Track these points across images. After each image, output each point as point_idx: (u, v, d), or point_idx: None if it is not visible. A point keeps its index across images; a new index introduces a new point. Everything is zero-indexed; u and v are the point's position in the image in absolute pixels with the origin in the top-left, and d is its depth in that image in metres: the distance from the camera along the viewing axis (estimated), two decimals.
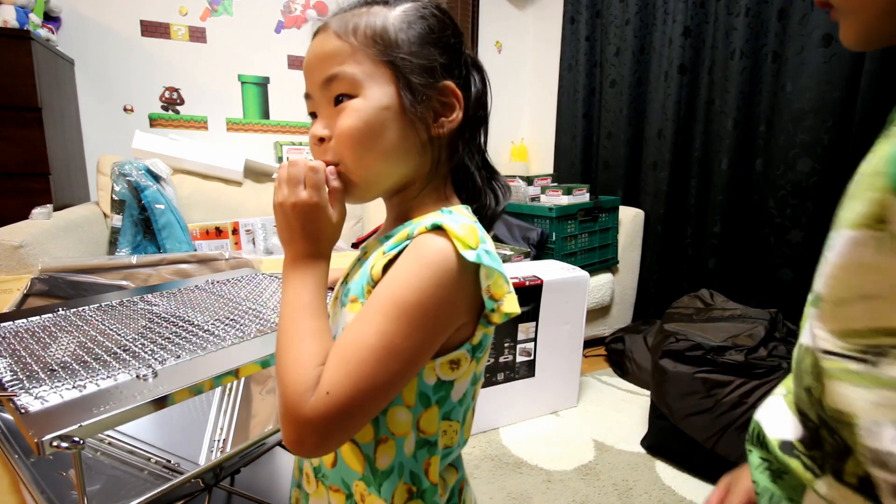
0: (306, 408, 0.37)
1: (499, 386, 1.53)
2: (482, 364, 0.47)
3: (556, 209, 1.94)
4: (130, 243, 1.77)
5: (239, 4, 2.23)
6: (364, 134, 0.43)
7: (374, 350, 0.37)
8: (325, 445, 0.39)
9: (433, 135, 0.46)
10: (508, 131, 3.04)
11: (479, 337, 0.43)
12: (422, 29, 0.45)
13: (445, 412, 0.45)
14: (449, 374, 0.43)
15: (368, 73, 0.44)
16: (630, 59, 2.26)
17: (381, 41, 0.44)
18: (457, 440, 0.47)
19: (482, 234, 0.41)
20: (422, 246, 0.39)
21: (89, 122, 2.07)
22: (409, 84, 0.44)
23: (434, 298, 0.38)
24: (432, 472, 0.45)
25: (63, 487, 0.63)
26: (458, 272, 0.38)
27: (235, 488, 0.89)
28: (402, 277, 0.39)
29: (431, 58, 0.45)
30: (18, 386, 0.51)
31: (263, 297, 0.86)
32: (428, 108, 0.45)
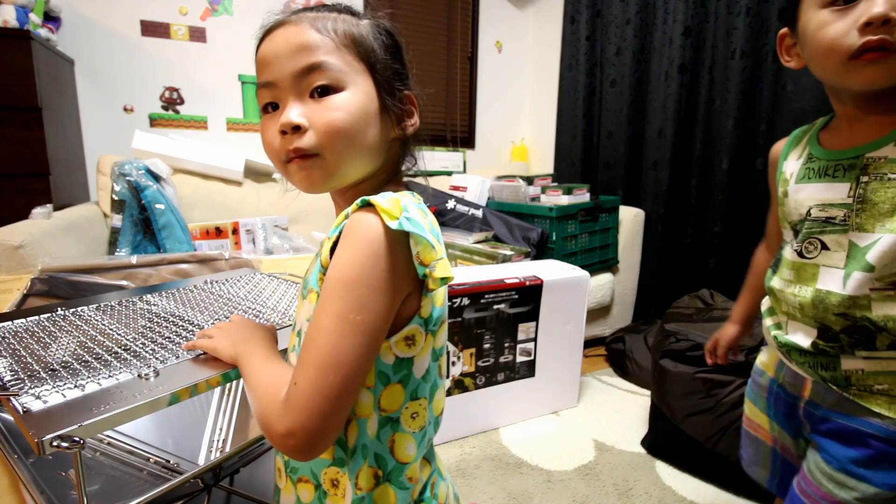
0: (280, 407, 0.41)
1: (499, 386, 1.53)
2: (440, 338, 0.49)
3: (557, 209, 1.94)
4: (130, 243, 1.77)
5: (239, 4, 2.23)
6: (352, 128, 0.45)
7: (330, 331, 0.40)
8: (317, 432, 0.40)
9: (395, 136, 0.50)
10: (508, 131, 3.04)
11: (428, 308, 0.45)
12: (388, 41, 0.49)
13: (412, 390, 0.47)
14: (406, 351, 0.45)
15: (351, 71, 0.46)
16: (630, 58, 2.26)
17: (360, 44, 0.47)
18: (427, 418, 0.48)
19: (405, 204, 0.42)
20: (354, 224, 0.41)
21: (89, 122, 2.07)
22: (385, 87, 0.48)
23: (373, 269, 0.40)
24: (398, 450, 0.47)
25: (63, 487, 0.63)
26: (389, 242, 0.40)
27: (235, 488, 0.89)
28: (342, 257, 0.41)
29: (397, 68, 0.49)
30: (19, 386, 0.51)
31: (263, 297, 0.86)
32: (395, 111, 0.49)
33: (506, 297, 1.46)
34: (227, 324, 0.59)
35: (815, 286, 0.61)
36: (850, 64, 0.52)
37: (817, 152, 0.63)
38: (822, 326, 0.60)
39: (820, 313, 0.60)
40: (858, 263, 0.56)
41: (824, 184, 0.60)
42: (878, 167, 0.55)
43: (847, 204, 0.58)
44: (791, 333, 0.66)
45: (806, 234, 0.62)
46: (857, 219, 0.57)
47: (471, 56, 2.86)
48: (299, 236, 2.03)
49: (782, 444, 0.75)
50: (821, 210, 0.60)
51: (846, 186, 0.58)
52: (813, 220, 0.61)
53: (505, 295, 1.46)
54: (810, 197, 0.62)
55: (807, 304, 0.61)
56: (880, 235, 0.54)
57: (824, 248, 0.60)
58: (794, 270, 0.64)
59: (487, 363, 1.49)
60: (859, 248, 0.56)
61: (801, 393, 0.68)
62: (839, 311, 0.58)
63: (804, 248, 0.62)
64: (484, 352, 1.48)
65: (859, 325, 0.57)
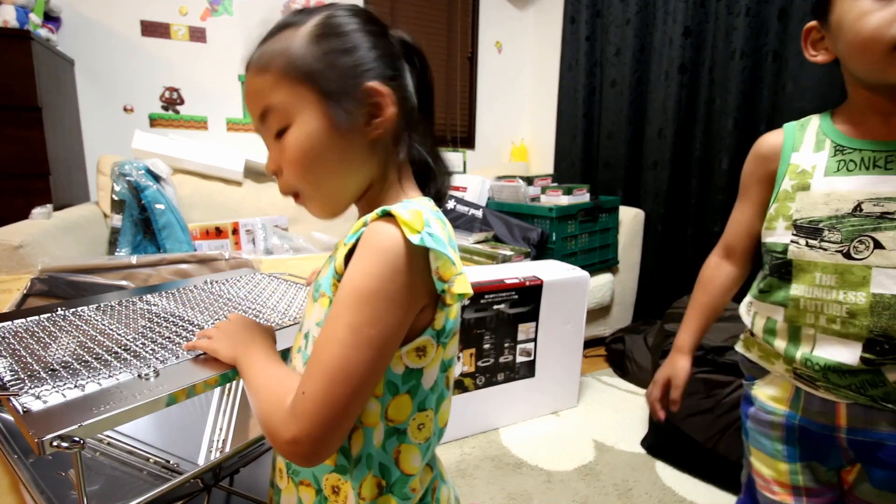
0: (285, 414, 0.40)
1: (499, 386, 1.53)
2: (450, 350, 0.47)
3: (557, 209, 1.94)
4: (130, 243, 1.77)
5: (239, 4, 2.23)
6: (306, 161, 0.45)
7: (343, 343, 0.39)
8: (322, 441, 0.40)
9: (372, 138, 0.46)
10: (508, 131, 3.04)
11: (442, 321, 0.44)
12: (331, 40, 0.45)
13: (420, 401, 0.46)
14: (416, 362, 0.44)
15: (294, 101, 0.44)
16: (630, 59, 2.26)
17: (295, 65, 0.44)
18: (432, 429, 0.47)
19: (427, 218, 0.41)
20: (373, 234, 0.40)
21: (89, 122, 2.07)
22: (332, 99, 0.44)
23: (391, 283, 0.39)
24: (403, 462, 0.46)
25: (63, 487, 0.63)
26: (409, 255, 0.39)
27: (235, 488, 0.89)
28: (359, 267, 0.40)
29: (347, 65, 0.44)
30: (19, 386, 0.51)
31: (263, 297, 0.86)
32: (358, 114, 0.45)
33: (506, 297, 1.46)
34: (225, 324, 0.59)
35: (868, 290, 0.55)
36: (893, 55, 0.50)
37: (851, 143, 0.58)
38: (876, 339, 0.54)
39: (883, 321, 0.54)
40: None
41: (877, 176, 0.55)
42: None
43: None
44: (828, 352, 0.58)
45: (853, 231, 0.55)
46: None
47: (471, 56, 2.86)
48: (299, 236, 2.03)
49: (809, 490, 0.65)
50: (875, 205, 0.55)
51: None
52: (864, 215, 0.55)
53: (505, 295, 1.46)
54: (859, 190, 0.56)
55: (862, 311, 0.55)
56: None
57: (878, 246, 0.54)
58: (839, 274, 0.56)
59: (487, 363, 1.49)
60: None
61: (836, 422, 0.60)
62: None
63: (853, 247, 0.55)
64: (484, 352, 1.48)
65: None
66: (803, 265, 0.59)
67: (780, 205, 0.62)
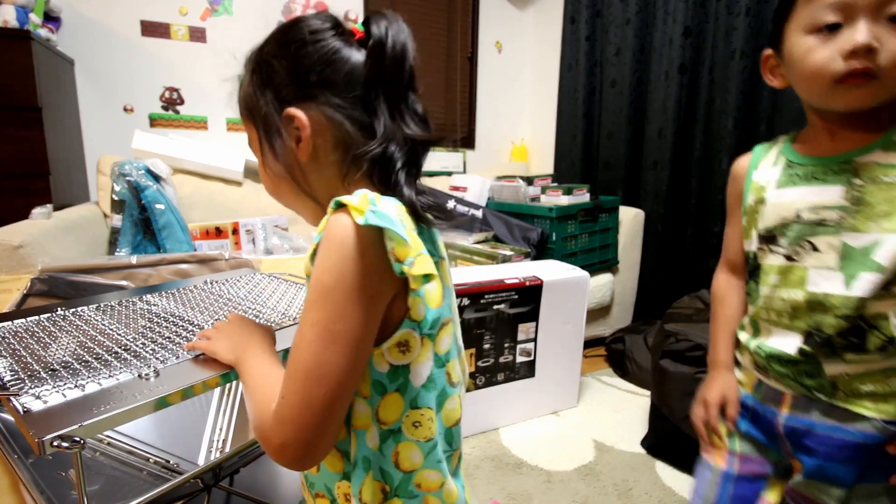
0: (270, 420, 0.41)
1: (499, 386, 1.53)
2: (443, 343, 0.45)
3: (557, 209, 1.94)
4: (130, 243, 1.77)
5: (239, 4, 2.23)
6: (268, 187, 0.52)
7: (311, 342, 0.39)
8: (307, 444, 0.40)
9: (304, 161, 0.47)
10: (508, 131, 3.04)
11: (420, 310, 0.42)
12: (257, 75, 0.49)
13: (411, 399, 0.44)
14: (400, 358, 0.43)
15: (252, 137, 0.52)
16: (630, 59, 2.26)
17: (243, 107, 0.52)
18: (434, 429, 0.45)
19: (372, 197, 0.39)
20: (329, 228, 0.40)
21: (89, 122, 2.07)
22: (266, 132, 0.49)
23: (349, 273, 0.38)
24: (402, 461, 0.45)
25: (63, 487, 0.63)
26: (359, 239, 0.38)
27: (235, 488, 0.89)
28: (318, 263, 0.40)
29: (267, 96, 0.48)
30: (19, 386, 0.51)
31: (263, 297, 0.86)
32: (289, 139, 0.47)
33: (506, 297, 1.46)
34: (225, 324, 0.59)
35: (804, 289, 0.61)
36: (836, 87, 0.56)
37: (799, 159, 0.64)
38: (811, 331, 0.60)
39: (816, 316, 0.60)
40: (862, 265, 0.57)
41: (814, 187, 0.61)
42: (869, 170, 0.57)
43: (841, 206, 0.58)
44: (774, 342, 0.65)
45: (795, 237, 0.62)
46: (851, 220, 0.57)
47: (471, 56, 2.86)
48: (299, 236, 2.03)
49: (743, 456, 0.70)
50: (812, 212, 0.60)
51: (839, 189, 0.59)
52: (803, 222, 0.61)
53: (505, 295, 1.46)
54: (800, 200, 0.62)
55: (800, 307, 0.61)
56: (879, 236, 0.55)
57: (814, 249, 0.60)
58: (781, 275, 0.63)
59: (487, 363, 1.49)
60: (854, 248, 0.57)
61: (780, 408, 0.65)
62: (842, 312, 0.58)
63: (794, 251, 0.62)
64: (484, 352, 1.48)
65: (856, 326, 0.57)
66: (764, 268, 0.66)
67: (749, 217, 0.68)
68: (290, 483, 0.98)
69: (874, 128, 0.58)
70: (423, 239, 0.43)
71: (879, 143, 0.57)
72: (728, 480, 0.71)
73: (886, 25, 0.52)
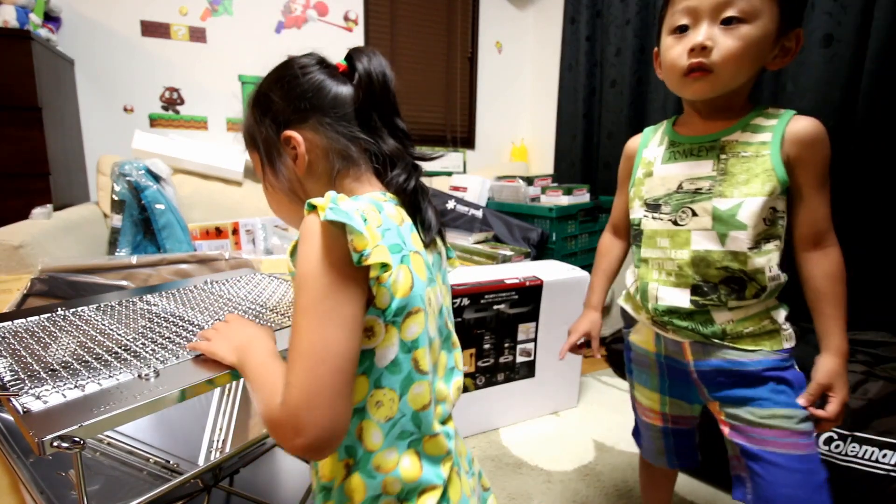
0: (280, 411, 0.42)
1: (499, 386, 1.53)
2: (410, 330, 0.48)
3: (557, 209, 1.94)
4: (130, 243, 1.77)
5: (239, 4, 2.23)
6: (275, 207, 0.59)
7: (307, 327, 0.42)
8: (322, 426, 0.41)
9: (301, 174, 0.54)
10: (508, 131, 3.04)
11: (385, 299, 0.45)
12: (256, 109, 0.57)
13: (374, 380, 0.47)
14: (366, 343, 0.46)
15: (254, 162, 0.59)
16: (630, 59, 2.26)
17: (247, 137, 0.59)
18: (396, 409, 0.48)
19: (335, 197, 0.45)
20: (302, 226, 0.46)
21: (89, 122, 2.07)
22: (266, 156, 0.56)
23: (323, 260, 0.43)
24: (365, 438, 0.47)
25: (63, 487, 0.63)
26: (326, 234, 0.44)
27: (235, 488, 0.89)
28: (298, 257, 0.45)
29: (266, 123, 0.55)
30: (19, 386, 0.51)
31: (263, 297, 0.86)
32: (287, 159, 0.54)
33: (506, 297, 1.46)
34: (223, 325, 0.59)
35: (690, 248, 0.71)
36: (683, 80, 0.67)
37: (679, 139, 0.75)
38: (698, 284, 0.71)
39: (701, 270, 0.70)
40: (730, 224, 0.67)
41: (691, 162, 0.72)
42: (732, 147, 0.69)
43: (712, 176, 0.69)
44: (667, 299, 0.74)
45: (677, 204, 0.72)
46: (719, 187, 0.68)
47: (471, 56, 2.86)
48: None
49: (674, 417, 0.84)
50: (690, 183, 0.71)
51: (710, 163, 0.70)
52: (684, 192, 0.72)
53: (505, 295, 1.46)
54: (680, 174, 0.73)
55: (685, 264, 0.71)
56: (741, 199, 0.66)
57: (694, 214, 0.70)
58: (670, 238, 0.73)
59: (487, 363, 1.49)
60: (721, 210, 0.68)
61: (685, 358, 0.76)
62: (721, 264, 0.69)
63: (678, 217, 0.72)
64: (484, 352, 1.48)
65: (735, 276, 0.69)
66: (649, 233, 0.76)
67: (636, 188, 0.79)
68: (290, 483, 0.98)
69: (734, 114, 0.70)
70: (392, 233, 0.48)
71: (739, 126, 0.69)
72: (667, 434, 0.86)
73: (721, 28, 0.63)
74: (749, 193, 0.66)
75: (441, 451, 0.51)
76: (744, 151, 0.68)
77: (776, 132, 0.67)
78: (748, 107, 0.70)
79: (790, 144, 0.66)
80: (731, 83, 0.66)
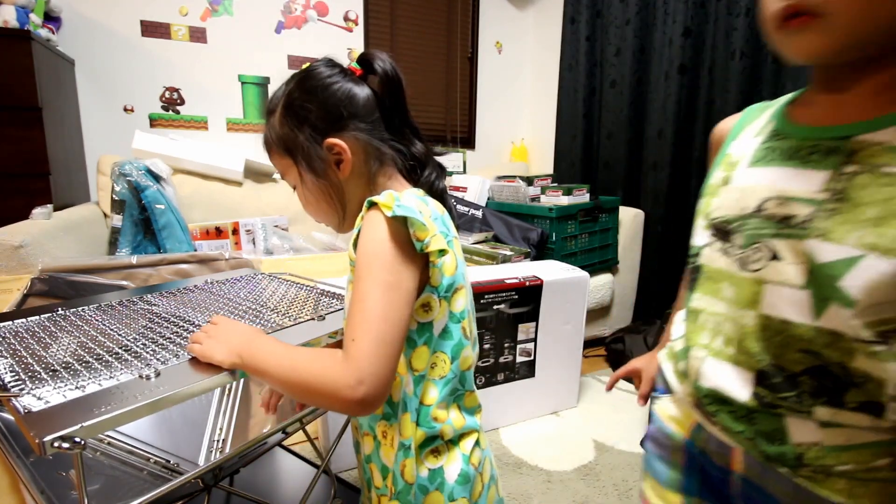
0: (342, 366, 0.47)
1: (499, 386, 1.53)
2: (458, 303, 0.57)
3: (556, 209, 1.94)
4: (130, 243, 1.77)
5: (239, 4, 2.23)
6: (308, 206, 0.63)
7: (372, 293, 0.49)
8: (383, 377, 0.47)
9: (345, 178, 0.59)
10: (508, 131, 3.04)
11: (437, 278, 0.54)
12: (291, 118, 0.59)
13: (433, 347, 0.56)
14: (425, 317, 0.55)
15: (286, 168, 0.62)
16: (630, 59, 2.26)
17: (279, 143, 0.61)
18: (448, 369, 0.56)
19: (397, 195, 0.53)
20: (367, 220, 0.53)
21: (89, 122, 2.07)
22: (305, 162, 0.59)
23: (389, 246, 0.51)
24: (424, 396, 0.56)
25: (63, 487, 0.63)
26: (391, 226, 0.51)
27: (235, 488, 0.89)
28: (363, 243, 0.52)
29: (305, 132, 0.59)
30: (20, 386, 0.51)
31: (263, 297, 0.86)
32: (329, 164, 0.59)
33: (506, 297, 1.46)
34: (214, 328, 0.59)
35: (758, 311, 0.44)
36: (780, 34, 0.41)
37: (788, 128, 0.46)
38: (767, 369, 0.44)
39: (773, 348, 0.43)
40: (831, 290, 0.39)
41: (792, 169, 0.43)
42: (871, 155, 0.38)
43: (817, 200, 0.40)
44: (714, 380, 0.47)
45: (751, 236, 0.45)
46: (824, 222, 0.40)
47: (471, 56, 2.86)
48: (299, 236, 2.03)
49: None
50: (779, 205, 0.43)
51: (823, 175, 0.41)
52: (765, 217, 0.44)
53: (505, 295, 1.46)
54: (767, 185, 0.45)
55: (751, 333, 0.45)
56: (858, 252, 0.37)
57: (774, 258, 0.43)
58: (735, 287, 0.46)
59: (487, 363, 1.49)
60: (820, 262, 0.40)
61: (731, 465, 0.49)
62: (807, 347, 0.41)
63: (749, 255, 0.45)
64: (484, 352, 1.48)
65: (830, 369, 0.40)
66: (710, 272, 0.50)
67: (705, 201, 0.53)
68: (290, 483, 0.98)
69: (892, 93, 0.39)
70: (439, 222, 0.55)
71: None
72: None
73: None
74: (877, 246, 0.37)
75: (475, 404, 0.61)
76: (890, 165, 0.38)
77: None
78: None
79: None
80: (864, 29, 0.37)
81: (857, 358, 0.39)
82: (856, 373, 0.39)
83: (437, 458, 0.56)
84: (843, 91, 0.42)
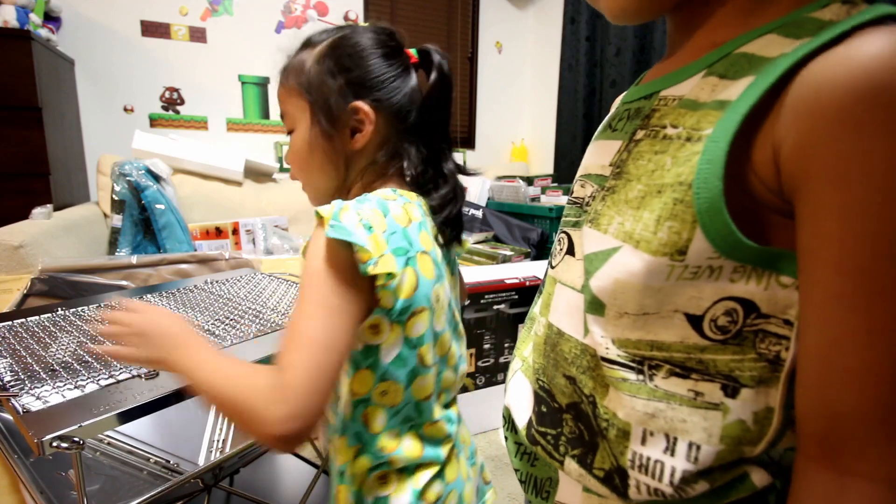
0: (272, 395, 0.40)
1: (499, 386, 1.53)
2: (416, 328, 0.49)
3: (557, 209, 1.94)
4: (130, 243, 1.77)
5: (239, 4, 2.23)
6: (298, 159, 0.55)
7: (313, 317, 0.43)
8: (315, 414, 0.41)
9: (353, 149, 0.53)
10: (508, 131, 3.04)
11: (389, 300, 0.46)
12: (332, 61, 0.52)
13: (381, 374, 0.49)
14: (372, 339, 0.48)
15: (297, 108, 0.54)
16: (630, 59, 2.26)
17: (301, 80, 0.53)
18: (401, 398, 0.50)
19: (337, 212, 0.45)
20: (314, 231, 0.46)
21: (89, 122, 2.07)
22: (321, 111, 0.52)
23: (330, 266, 0.44)
24: (371, 422, 0.50)
25: (63, 487, 0.63)
26: (331, 247, 0.44)
27: (235, 488, 0.89)
28: (310, 259, 0.45)
29: (337, 85, 0.52)
30: (19, 386, 0.51)
31: (263, 297, 0.86)
32: (344, 127, 0.52)
33: (506, 297, 1.46)
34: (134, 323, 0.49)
35: (547, 318, 0.38)
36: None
37: (628, 93, 0.40)
38: (539, 392, 0.37)
39: (549, 367, 0.36)
40: (587, 291, 0.32)
41: (602, 141, 0.37)
42: (663, 115, 0.31)
43: (603, 177, 0.34)
44: (511, 394, 0.41)
45: (561, 225, 0.40)
46: (598, 204, 0.33)
47: (471, 56, 2.86)
48: (299, 236, 2.03)
49: None
50: (581, 186, 0.37)
51: (616, 146, 0.34)
52: (571, 201, 0.39)
53: (505, 295, 1.46)
54: (584, 165, 0.40)
55: (539, 346, 0.38)
56: (614, 244, 0.30)
57: (570, 249, 0.36)
58: (546, 287, 0.41)
59: (487, 363, 1.49)
60: (588, 252, 0.33)
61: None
62: (570, 371, 0.34)
63: (553, 249, 0.40)
64: (484, 352, 1.48)
65: (583, 408, 0.33)
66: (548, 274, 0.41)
67: None
68: (290, 483, 0.98)
69: (711, 36, 0.32)
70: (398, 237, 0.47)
71: (703, 63, 0.31)
72: None
73: None
74: (631, 235, 0.29)
75: (441, 435, 0.54)
76: (676, 125, 0.30)
77: (768, 74, 0.26)
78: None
79: (788, 113, 0.25)
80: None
81: (608, 392, 0.31)
82: (602, 415, 0.31)
83: (385, 487, 0.51)
84: (676, 43, 0.36)
